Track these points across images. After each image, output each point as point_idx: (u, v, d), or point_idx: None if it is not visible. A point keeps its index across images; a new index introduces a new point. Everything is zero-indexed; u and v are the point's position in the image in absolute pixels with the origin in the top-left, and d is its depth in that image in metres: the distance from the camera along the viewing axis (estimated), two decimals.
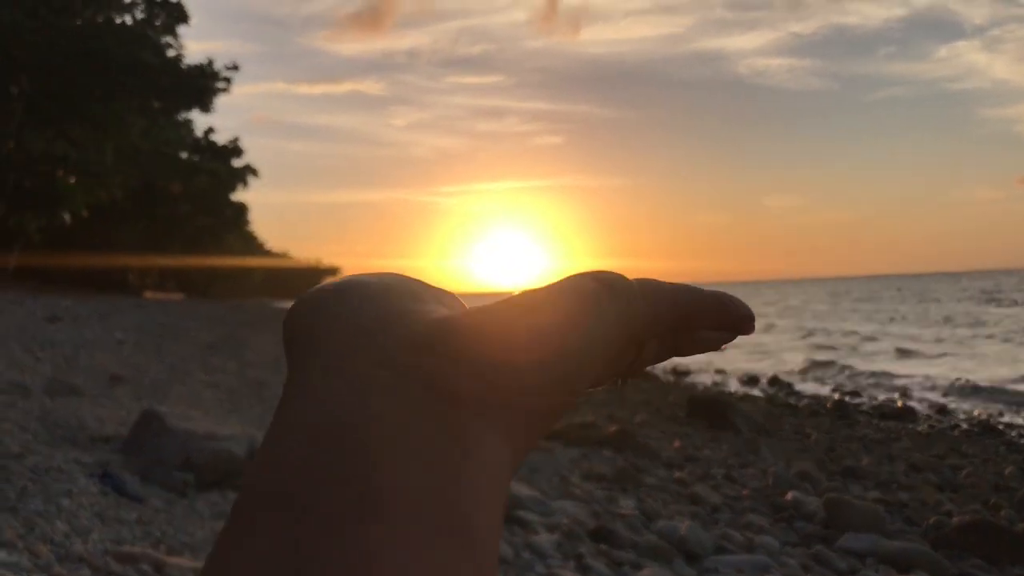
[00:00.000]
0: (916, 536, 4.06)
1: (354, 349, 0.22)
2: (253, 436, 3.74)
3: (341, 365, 0.22)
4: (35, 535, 2.50)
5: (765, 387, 12.22)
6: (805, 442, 7.09)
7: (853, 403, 10.18)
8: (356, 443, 0.20)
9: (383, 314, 0.23)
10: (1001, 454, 6.81)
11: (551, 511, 3.65)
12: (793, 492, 4.68)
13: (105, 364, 7.43)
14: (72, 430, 4.09)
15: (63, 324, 11.66)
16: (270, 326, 18.78)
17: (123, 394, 5.69)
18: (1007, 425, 8.49)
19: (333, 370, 0.22)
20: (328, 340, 0.23)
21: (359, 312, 0.23)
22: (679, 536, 3.52)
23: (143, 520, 2.86)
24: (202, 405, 5.64)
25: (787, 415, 9.06)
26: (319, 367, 0.22)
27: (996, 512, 4.65)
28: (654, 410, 8.61)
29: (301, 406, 0.22)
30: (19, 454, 3.35)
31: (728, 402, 8.15)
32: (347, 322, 0.23)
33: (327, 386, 0.22)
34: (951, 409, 9.79)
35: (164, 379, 6.89)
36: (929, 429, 8.37)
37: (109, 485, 3.11)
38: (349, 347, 0.22)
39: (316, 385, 0.22)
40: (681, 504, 4.35)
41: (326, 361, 0.22)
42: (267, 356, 10.33)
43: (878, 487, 5.28)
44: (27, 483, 2.98)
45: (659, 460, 5.58)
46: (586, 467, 4.90)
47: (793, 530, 4.11)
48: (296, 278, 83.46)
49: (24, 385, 5.30)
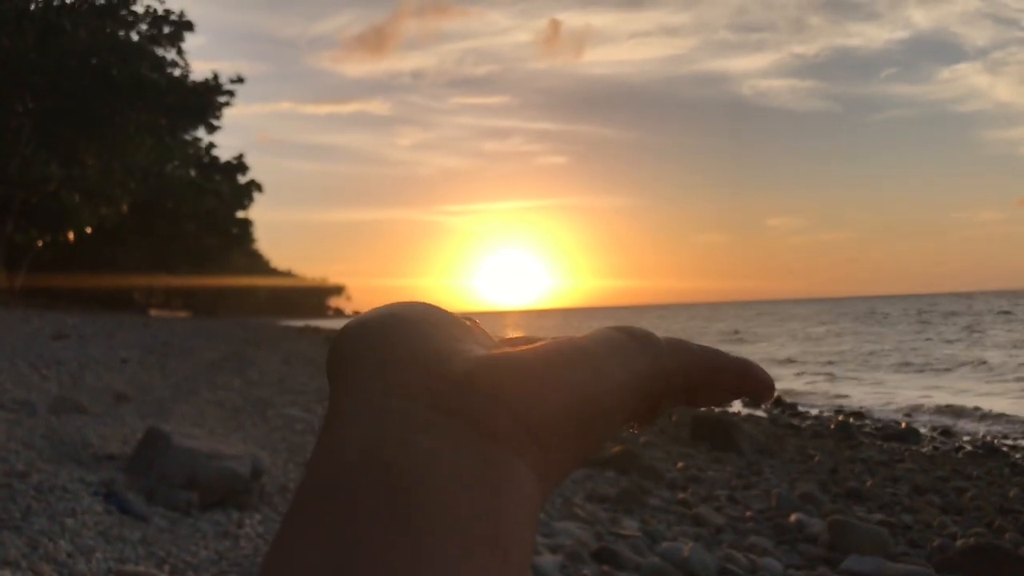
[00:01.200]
0: (920, 559, 4.05)
1: (398, 382, 0.24)
2: (257, 455, 3.74)
3: (385, 397, 0.24)
4: (39, 554, 2.51)
5: (768, 408, 12.19)
6: (809, 463, 7.07)
7: (856, 424, 10.15)
8: (402, 465, 0.22)
9: (426, 349, 0.25)
10: (1005, 476, 6.78)
11: (554, 532, 3.64)
12: (797, 514, 4.67)
13: (110, 382, 7.45)
14: (77, 448, 4.10)
15: (69, 342, 11.70)
16: (275, 345, 18.78)
17: (128, 412, 5.70)
18: (1012, 447, 8.45)
19: (377, 401, 0.24)
20: (371, 375, 0.25)
21: (403, 346, 0.25)
22: (682, 558, 3.51)
23: (147, 539, 2.87)
24: (206, 424, 5.65)
25: (790, 436, 9.04)
26: (364, 397, 0.24)
27: (1001, 535, 4.63)
28: (658, 431, 8.60)
29: (346, 433, 0.23)
30: (24, 472, 3.36)
31: (731, 423, 8.13)
32: (391, 355, 0.25)
33: (372, 416, 0.23)
34: (955, 430, 9.75)
35: (168, 397, 6.90)
36: (933, 450, 8.34)
37: (113, 504, 3.12)
38: (393, 379, 0.24)
39: (361, 414, 0.24)
40: (684, 525, 4.34)
41: (370, 392, 0.24)
42: (272, 375, 10.34)
43: (882, 509, 5.26)
44: (31, 502, 2.99)
45: (663, 481, 5.57)
46: (590, 488, 4.89)
47: (797, 552, 4.10)
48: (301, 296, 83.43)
49: (30, 403, 5.32)
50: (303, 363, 13.26)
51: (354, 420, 0.24)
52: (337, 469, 0.22)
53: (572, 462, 0.25)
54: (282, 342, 20.72)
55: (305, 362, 13.59)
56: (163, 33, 27.92)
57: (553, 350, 0.25)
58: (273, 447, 5.06)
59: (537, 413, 0.24)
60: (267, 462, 3.83)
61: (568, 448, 0.25)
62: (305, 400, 7.82)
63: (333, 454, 0.23)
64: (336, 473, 0.22)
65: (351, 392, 0.25)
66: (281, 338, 23.44)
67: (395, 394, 0.24)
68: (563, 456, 0.25)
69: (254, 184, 40.74)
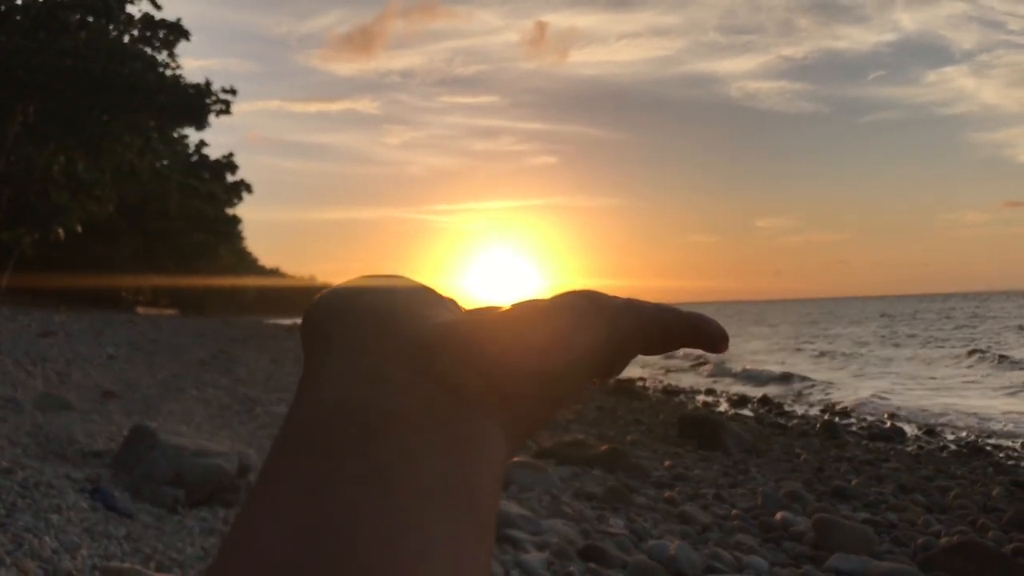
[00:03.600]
0: (904, 557, 4.07)
1: (370, 346, 0.26)
2: (244, 453, 3.74)
3: (358, 359, 0.25)
4: (23, 551, 2.50)
5: (755, 407, 12.24)
6: (795, 462, 7.11)
7: (842, 424, 10.20)
8: (375, 417, 0.23)
9: (397, 315, 0.27)
10: (989, 475, 6.83)
11: (541, 530, 3.65)
12: (782, 512, 4.69)
13: (97, 379, 7.42)
14: (63, 445, 4.09)
15: (56, 339, 11.63)
16: (262, 343, 18.73)
17: (114, 409, 5.68)
18: (995, 446, 8.52)
19: (350, 363, 0.25)
20: (345, 336, 0.26)
21: (376, 312, 0.27)
22: (668, 555, 3.52)
23: (132, 536, 2.86)
24: (193, 421, 5.63)
25: (777, 435, 9.07)
26: (337, 360, 0.26)
27: (984, 533, 4.66)
28: (645, 429, 8.62)
29: (321, 393, 0.25)
30: (9, 469, 3.35)
31: (718, 422, 8.16)
32: (364, 321, 0.27)
33: (345, 377, 0.25)
34: (939, 430, 9.82)
35: (155, 395, 6.88)
36: (918, 450, 8.40)
37: (99, 501, 3.11)
38: (366, 343, 0.26)
39: (334, 376, 0.25)
40: (671, 524, 4.35)
41: (343, 355, 0.26)
42: (259, 373, 10.32)
43: (867, 507, 5.29)
44: (16, 498, 2.98)
45: (649, 480, 5.59)
46: (577, 486, 4.90)
47: (782, 550, 4.12)
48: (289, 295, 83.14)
49: (15, 400, 5.29)
50: (291, 361, 13.23)
51: (330, 378, 0.25)
52: (314, 420, 0.24)
53: (536, 420, 0.27)
54: (269, 340, 20.67)
55: (292, 360, 13.56)
56: (157, 36, 27.78)
57: (517, 315, 0.27)
58: (260, 445, 5.06)
59: (502, 373, 0.25)
60: (254, 459, 3.83)
61: (532, 406, 0.27)
62: (292, 398, 7.81)
63: (310, 407, 0.24)
64: (313, 424, 0.24)
65: (327, 353, 0.26)
66: (268, 336, 23.39)
67: (369, 355, 0.25)
68: (527, 414, 0.27)
69: (243, 184, 40.61)
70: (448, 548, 0.21)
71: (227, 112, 29.34)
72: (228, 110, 29.29)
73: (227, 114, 29.43)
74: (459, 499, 0.22)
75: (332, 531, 0.21)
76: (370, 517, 0.21)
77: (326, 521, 0.21)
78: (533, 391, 0.26)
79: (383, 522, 0.21)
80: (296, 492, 0.22)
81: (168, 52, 28.09)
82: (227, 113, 29.36)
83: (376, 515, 0.21)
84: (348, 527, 0.21)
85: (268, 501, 0.22)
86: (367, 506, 0.21)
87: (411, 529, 0.21)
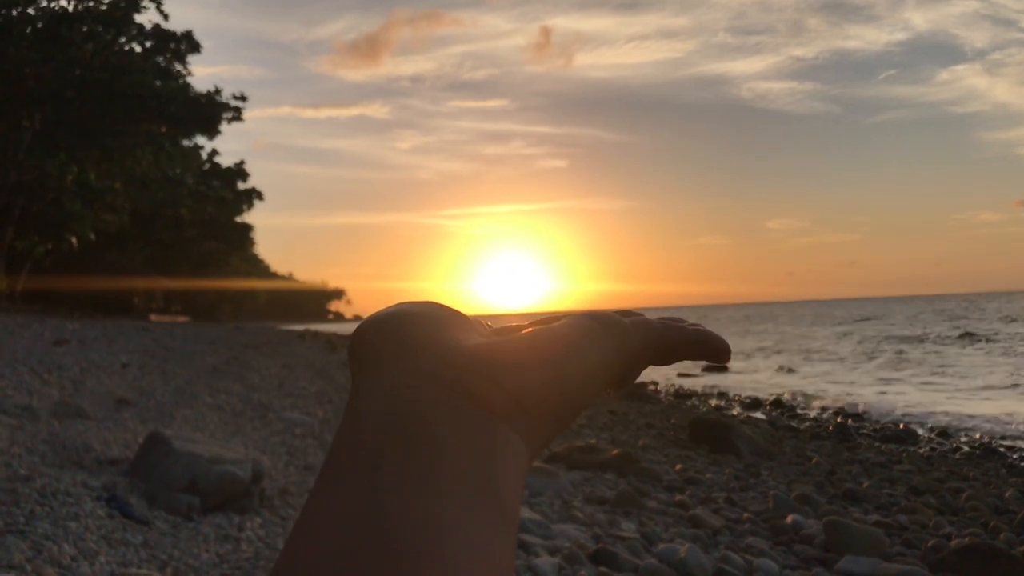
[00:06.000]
0: (915, 559, 4.07)
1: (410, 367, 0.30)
2: (257, 459, 3.77)
3: (400, 377, 0.30)
4: (43, 558, 2.54)
5: (767, 410, 12.22)
6: (806, 465, 7.10)
7: (854, 426, 10.17)
8: (415, 429, 0.28)
9: (433, 339, 0.31)
10: (1002, 477, 6.80)
11: (553, 534, 3.67)
12: (793, 515, 4.70)
13: (111, 387, 7.48)
14: (79, 453, 4.14)
15: (70, 347, 11.72)
16: (275, 349, 18.78)
17: (129, 417, 5.73)
18: (1009, 448, 8.47)
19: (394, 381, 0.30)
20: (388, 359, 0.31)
21: (413, 337, 0.31)
22: (679, 559, 3.54)
23: (149, 543, 2.90)
24: (207, 428, 5.68)
25: (789, 438, 9.05)
26: (382, 379, 0.30)
27: (996, 535, 4.65)
28: (656, 434, 8.62)
29: (369, 406, 0.29)
30: (27, 477, 3.39)
31: (730, 425, 8.14)
32: (404, 346, 0.31)
33: (389, 392, 0.29)
34: (952, 431, 9.77)
35: (170, 402, 6.93)
36: (930, 451, 8.36)
37: (115, 508, 3.16)
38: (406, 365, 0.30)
39: (380, 391, 0.29)
40: (682, 527, 4.36)
41: (388, 374, 0.30)
42: (272, 379, 10.36)
43: (878, 510, 5.29)
44: (35, 506, 3.03)
45: (661, 483, 5.60)
46: (588, 491, 4.92)
47: (793, 553, 4.12)
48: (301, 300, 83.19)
49: (32, 408, 5.35)
50: (303, 367, 13.28)
51: (375, 396, 0.30)
52: (362, 433, 0.28)
53: (554, 430, 0.32)
54: (282, 346, 20.73)
55: (305, 366, 13.61)
56: (169, 48, 27.93)
57: (535, 337, 0.32)
58: (273, 451, 5.10)
59: (524, 388, 0.30)
60: (267, 466, 3.87)
61: (550, 417, 0.31)
62: (305, 404, 7.85)
63: (358, 421, 0.29)
64: (361, 436, 0.28)
65: (372, 375, 0.31)
66: (281, 342, 23.44)
67: (408, 375, 0.30)
68: (545, 424, 0.31)
69: (255, 192, 40.77)
70: (483, 538, 0.25)
71: (239, 119, 29.50)
72: (240, 117, 29.45)
73: (239, 121, 29.59)
74: (489, 498, 0.27)
75: (382, 517, 0.25)
76: (414, 507, 0.25)
77: (376, 509, 0.25)
78: (550, 403, 0.30)
79: (425, 513, 0.25)
80: (350, 485, 0.26)
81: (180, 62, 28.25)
82: (239, 120, 29.51)
83: (419, 506, 0.25)
84: (396, 514, 0.25)
85: (327, 494, 0.26)
86: (411, 498, 0.25)
87: (449, 520, 0.25)
